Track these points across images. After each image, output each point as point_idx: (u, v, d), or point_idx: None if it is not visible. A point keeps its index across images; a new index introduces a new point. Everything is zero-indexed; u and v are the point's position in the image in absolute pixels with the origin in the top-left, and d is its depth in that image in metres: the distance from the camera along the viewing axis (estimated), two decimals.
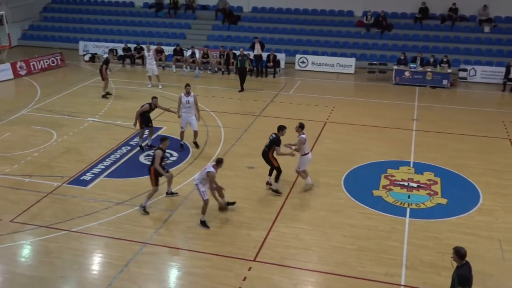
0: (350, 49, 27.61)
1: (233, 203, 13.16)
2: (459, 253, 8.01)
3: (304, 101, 21.75)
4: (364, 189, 14.11)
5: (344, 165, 15.53)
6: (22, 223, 12.49)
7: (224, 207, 12.98)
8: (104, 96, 22.05)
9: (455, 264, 8.18)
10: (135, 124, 16.39)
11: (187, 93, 16.15)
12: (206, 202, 12.23)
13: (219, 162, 12.39)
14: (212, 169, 12.18)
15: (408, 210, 13.09)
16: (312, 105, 21.26)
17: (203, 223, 12.34)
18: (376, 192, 13.96)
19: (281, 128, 13.58)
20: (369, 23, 28.34)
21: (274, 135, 13.56)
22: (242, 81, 23.07)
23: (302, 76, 25.83)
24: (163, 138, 12.98)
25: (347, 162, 15.71)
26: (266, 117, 19.59)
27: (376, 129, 18.55)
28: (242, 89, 22.97)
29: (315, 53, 27.32)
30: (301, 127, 13.55)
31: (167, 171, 13.26)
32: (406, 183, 14.45)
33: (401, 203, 13.40)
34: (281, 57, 26.39)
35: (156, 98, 16.47)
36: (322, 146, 17.01)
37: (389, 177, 14.80)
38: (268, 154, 13.68)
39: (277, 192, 13.85)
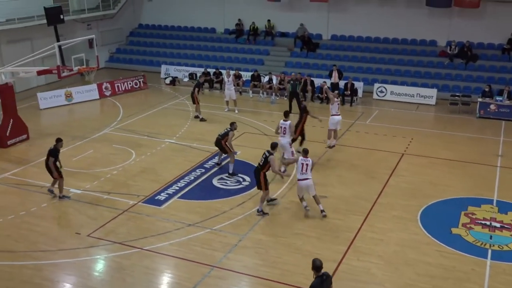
0: (431, 79, 26.82)
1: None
2: (314, 264, 8.45)
3: (381, 131, 21.27)
4: (442, 225, 13.46)
5: (421, 199, 14.93)
6: (98, 238, 12.93)
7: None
8: (202, 119, 22.47)
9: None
10: (229, 151, 16.69)
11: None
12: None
13: (307, 152, 13.96)
14: (309, 158, 13.90)
15: (489, 251, 12.32)
16: (389, 135, 20.72)
17: (323, 211, 13.97)
18: (455, 230, 13.27)
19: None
20: (453, 53, 27.42)
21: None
22: (293, 104, 23.02)
23: (380, 106, 25.33)
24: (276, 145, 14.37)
25: (425, 197, 15.10)
26: (342, 146, 19.26)
27: (456, 163, 17.73)
28: (290, 110, 22.47)
29: (394, 83, 26.77)
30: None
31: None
32: (488, 223, 13.64)
33: (482, 244, 12.64)
34: (359, 85, 26.03)
35: (235, 123, 16.99)
36: (399, 178, 16.47)
37: (470, 215, 14.05)
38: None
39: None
